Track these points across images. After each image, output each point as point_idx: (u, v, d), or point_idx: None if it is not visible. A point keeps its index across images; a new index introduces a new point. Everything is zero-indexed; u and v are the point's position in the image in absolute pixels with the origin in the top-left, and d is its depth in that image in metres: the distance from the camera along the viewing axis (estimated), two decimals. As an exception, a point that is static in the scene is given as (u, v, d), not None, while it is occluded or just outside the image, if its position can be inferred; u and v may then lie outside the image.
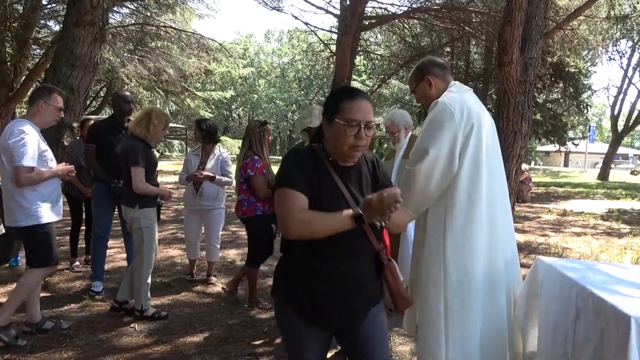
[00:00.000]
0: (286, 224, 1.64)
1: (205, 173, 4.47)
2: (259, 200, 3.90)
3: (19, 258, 5.09)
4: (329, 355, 3.03)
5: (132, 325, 3.61)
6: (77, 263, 5.16)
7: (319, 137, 1.82)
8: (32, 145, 3.05)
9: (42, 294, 3.76)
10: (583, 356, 1.76)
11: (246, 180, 3.91)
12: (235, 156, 5.80)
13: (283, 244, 1.81)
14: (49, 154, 3.25)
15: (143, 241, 3.64)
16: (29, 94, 5.76)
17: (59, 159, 4.58)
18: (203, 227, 4.85)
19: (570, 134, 20.80)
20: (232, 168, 4.65)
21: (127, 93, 4.60)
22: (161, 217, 4.01)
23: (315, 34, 14.56)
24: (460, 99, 2.14)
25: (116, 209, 4.43)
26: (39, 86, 3.49)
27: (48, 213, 3.19)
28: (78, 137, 5.22)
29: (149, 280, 3.73)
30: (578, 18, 10.40)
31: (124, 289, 3.82)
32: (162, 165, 20.56)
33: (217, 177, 4.53)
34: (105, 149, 4.21)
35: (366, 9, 11.59)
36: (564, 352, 1.88)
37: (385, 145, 32.06)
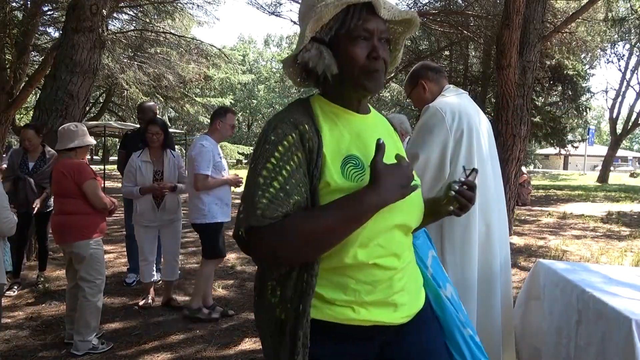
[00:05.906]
0: None
1: (167, 184, 3.90)
2: None
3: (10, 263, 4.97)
4: None
5: (134, 332, 3.60)
6: (15, 288, 4.42)
7: None
8: (207, 156, 3.60)
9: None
10: (586, 359, 1.76)
11: None
12: (236, 161, 5.73)
13: None
14: (222, 164, 3.77)
15: None
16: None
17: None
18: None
19: (570, 136, 20.82)
20: (185, 172, 4.13)
21: (150, 104, 4.92)
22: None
23: (314, 39, 14.62)
24: (453, 103, 2.13)
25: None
26: (217, 108, 4.00)
27: (219, 214, 3.72)
28: (20, 146, 4.64)
29: None
30: (576, 21, 10.45)
31: None
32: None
33: (179, 186, 3.98)
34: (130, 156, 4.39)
35: (364, 13, 11.64)
36: (567, 355, 1.88)
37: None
